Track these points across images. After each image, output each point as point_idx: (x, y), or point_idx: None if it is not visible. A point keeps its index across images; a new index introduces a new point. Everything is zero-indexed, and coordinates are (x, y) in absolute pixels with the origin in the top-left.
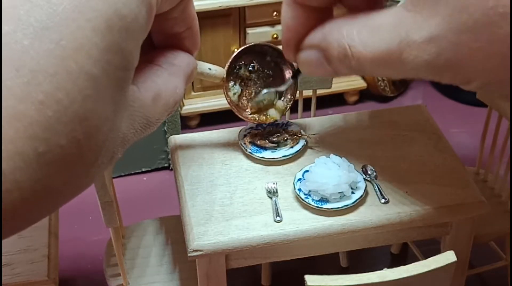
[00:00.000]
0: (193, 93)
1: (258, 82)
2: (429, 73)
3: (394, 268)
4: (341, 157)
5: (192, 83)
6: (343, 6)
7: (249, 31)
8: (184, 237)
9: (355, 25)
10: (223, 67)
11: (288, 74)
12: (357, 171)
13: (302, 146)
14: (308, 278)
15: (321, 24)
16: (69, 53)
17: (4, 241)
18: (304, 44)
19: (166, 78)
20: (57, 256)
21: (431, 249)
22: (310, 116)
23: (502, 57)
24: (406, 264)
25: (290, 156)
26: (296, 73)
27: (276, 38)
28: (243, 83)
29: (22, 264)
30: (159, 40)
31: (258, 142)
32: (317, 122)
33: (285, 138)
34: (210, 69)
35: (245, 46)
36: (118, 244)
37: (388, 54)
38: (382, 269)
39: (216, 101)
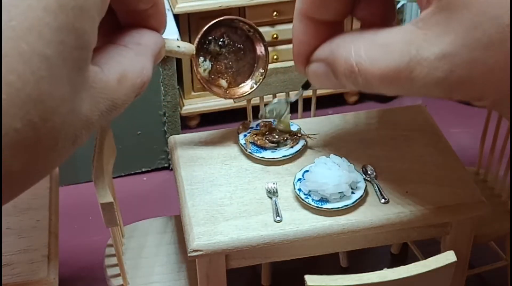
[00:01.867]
0: (193, 93)
1: (229, 57)
2: (441, 91)
3: (394, 268)
4: (341, 157)
5: (192, 83)
6: (356, 19)
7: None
8: (184, 237)
9: (363, 41)
10: (193, 43)
11: (259, 47)
12: (357, 171)
13: (302, 146)
14: (308, 278)
15: (330, 38)
16: (20, 34)
17: (4, 241)
18: (313, 58)
19: (132, 58)
20: (57, 256)
21: (431, 249)
22: (310, 116)
23: None
24: (406, 264)
25: (290, 156)
26: (305, 85)
27: (276, 38)
28: (213, 59)
29: (22, 264)
30: (124, 19)
31: (258, 142)
32: (317, 122)
33: (285, 138)
34: (179, 46)
35: (214, 21)
36: (118, 244)
37: (397, 72)
38: (382, 269)
39: (216, 101)
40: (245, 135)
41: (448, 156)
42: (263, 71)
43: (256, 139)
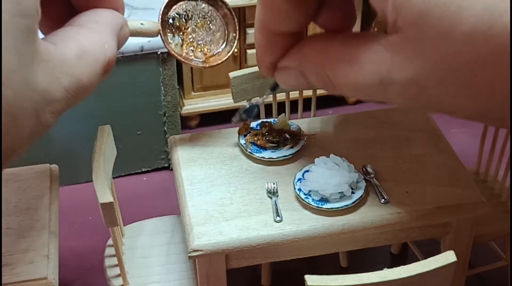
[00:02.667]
0: (193, 93)
1: (197, 29)
2: (415, 106)
3: (394, 268)
4: (341, 157)
5: (192, 83)
6: (318, 26)
7: (249, 31)
8: (184, 237)
9: (332, 55)
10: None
11: (224, 12)
12: (357, 171)
13: (302, 146)
14: (308, 278)
15: (296, 46)
16: None
17: (4, 241)
18: (281, 65)
19: (91, 35)
20: (57, 256)
21: (431, 249)
22: (310, 116)
23: (487, 95)
24: (406, 264)
25: (290, 156)
26: (273, 87)
27: None
28: (182, 33)
29: (22, 264)
30: (80, 5)
31: (259, 142)
32: (317, 122)
33: (285, 138)
34: (142, 24)
35: None
36: (118, 244)
37: (371, 87)
38: (382, 269)
39: (216, 101)
40: (245, 135)
41: (448, 156)
42: (235, 34)
43: (256, 139)
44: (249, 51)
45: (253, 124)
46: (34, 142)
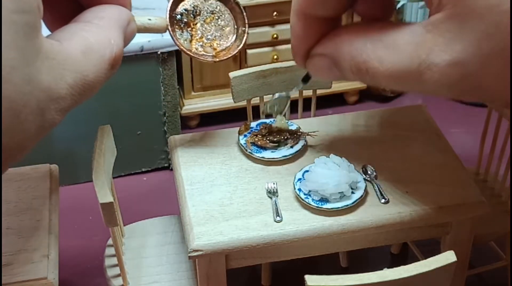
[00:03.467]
0: (193, 93)
1: (206, 24)
2: (453, 94)
3: (394, 268)
4: (341, 157)
5: (192, 83)
6: (356, 14)
7: (249, 31)
8: (184, 237)
9: (370, 40)
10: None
11: (233, 7)
12: (357, 171)
13: (302, 146)
14: (308, 278)
15: (332, 33)
16: None
17: (4, 241)
18: (315, 52)
19: (97, 31)
20: (57, 256)
21: (431, 249)
22: (310, 116)
23: None
24: (406, 264)
25: (290, 156)
26: (306, 78)
27: (276, 38)
28: (190, 29)
29: (22, 264)
30: (86, 1)
31: (259, 143)
32: (317, 122)
33: (286, 137)
34: (150, 19)
35: None
36: (118, 244)
37: (406, 73)
38: (382, 269)
39: (216, 101)
40: (245, 136)
41: (448, 156)
42: (244, 28)
43: (256, 139)
44: (249, 51)
45: (253, 124)
46: (40, 139)
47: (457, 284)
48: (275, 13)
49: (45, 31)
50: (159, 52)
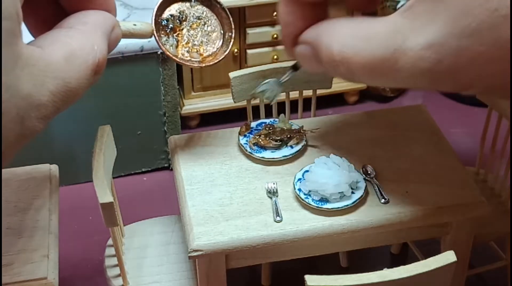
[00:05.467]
0: (193, 93)
1: (192, 30)
2: (427, 82)
3: (394, 268)
4: (341, 157)
5: (192, 83)
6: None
7: (249, 31)
8: (184, 237)
9: (347, 29)
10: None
11: (219, 12)
12: (357, 171)
13: (302, 146)
14: (308, 278)
15: (318, 21)
16: None
17: (4, 241)
18: (300, 39)
19: (80, 37)
20: (57, 256)
21: (431, 249)
22: (310, 116)
23: (505, 61)
24: (406, 264)
25: (290, 156)
26: (295, 66)
27: (276, 38)
28: (176, 34)
29: (22, 264)
30: (70, 7)
31: (262, 142)
32: (317, 122)
33: (288, 136)
34: (135, 24)
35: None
36: (118, 244)
37: (381, 62)
38: (382, 269)
39: (216, 101)
40: (245, 136)
41: (448, 156)
42: (231, 33)
43: (260, 140)
44: (249, 51)
45: (253, 124)
46: (23, 146)
47: (457, 284)
48: (275, 13)
49: (28, 37)
50: (159, 52)
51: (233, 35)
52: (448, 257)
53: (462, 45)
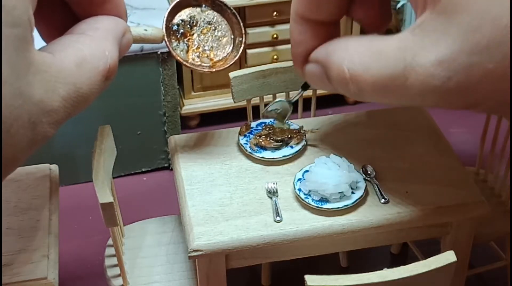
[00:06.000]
0: (193, 93)
1: (203, 35)
2: (437, 99)
3: (394, 268)
4: (341, 157)
5: (192, 83)
6: (353, 19)
7: (249, 31)
8: (184, 237)
9: (358, 47)
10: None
11: (230, 17)
12: (357, 171)
13: (302, 146)
14: (308, 278)
15: (328, 41)
16: None
17: (4, 241)
18: (310, 58)
19: (91, 43)
20: (57, 256)
21: (431, 249)
22: (310, 116)
23: None
24: (406, 264)
25: (290, 156)
26: (305, 85)
27: (276, 38)
28: (186, 39)
29: (22, 264)
30: (80, 11)
31: (263, 142)
32: (317, 122)
33: (289, 136)
34: (146, 29)
35: (173, 4)
36: (118, 244)
37: (391, 80)
38: (382, 269)
39: (216, 101)
40: (246, 136)
41: (448, 156)
42: (241, 39)
43: (260, 140)
44: (249, 51)
45: (253, 124)
46: (34, 151)
47: (457, 284)
48: (275, 13)
49: (40, 43)
50: (159, 52)
51: (243, 40)
52: (448, 257)
53: (471, 62)
